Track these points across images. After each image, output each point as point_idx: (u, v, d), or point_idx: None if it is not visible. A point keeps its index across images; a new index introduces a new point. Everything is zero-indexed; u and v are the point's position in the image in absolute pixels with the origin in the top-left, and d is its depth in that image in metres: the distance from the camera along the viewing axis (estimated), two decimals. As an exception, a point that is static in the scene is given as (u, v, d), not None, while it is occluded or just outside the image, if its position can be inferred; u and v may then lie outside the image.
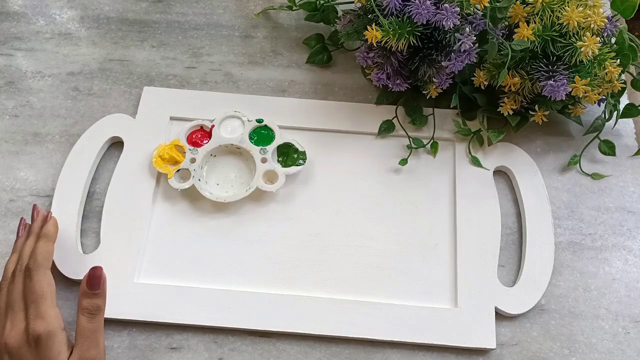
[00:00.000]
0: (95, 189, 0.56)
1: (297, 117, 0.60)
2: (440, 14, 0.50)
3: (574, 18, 0.50)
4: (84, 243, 0.54)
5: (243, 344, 0.50)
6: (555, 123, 0.62)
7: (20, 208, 0.55)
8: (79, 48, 0.66)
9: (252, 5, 0.70)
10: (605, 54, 0.52)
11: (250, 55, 0.66)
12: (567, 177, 0.59)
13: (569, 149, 0.60)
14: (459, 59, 0.53)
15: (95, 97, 0.62)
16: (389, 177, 0.58)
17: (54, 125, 0.60)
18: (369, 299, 0.51)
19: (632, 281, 0.54)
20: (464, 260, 0.53)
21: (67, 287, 0.51)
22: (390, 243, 0.54)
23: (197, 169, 0.55)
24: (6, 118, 0.60)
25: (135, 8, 0.69)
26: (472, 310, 0.50)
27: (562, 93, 0.51)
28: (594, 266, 0.54)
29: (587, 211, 0.57)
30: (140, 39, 0.67)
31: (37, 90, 0.62)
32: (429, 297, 0.52)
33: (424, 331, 0.49)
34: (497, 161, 0.58)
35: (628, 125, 0.62)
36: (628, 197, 0.58)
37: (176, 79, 0.64)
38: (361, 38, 0.56)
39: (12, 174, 0.57)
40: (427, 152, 0.59)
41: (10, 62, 0.64)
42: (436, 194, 0.57)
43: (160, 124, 0.59)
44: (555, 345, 0.51)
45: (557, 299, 0.52)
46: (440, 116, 0.60)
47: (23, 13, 0.68)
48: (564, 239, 0.55)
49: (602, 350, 0.50)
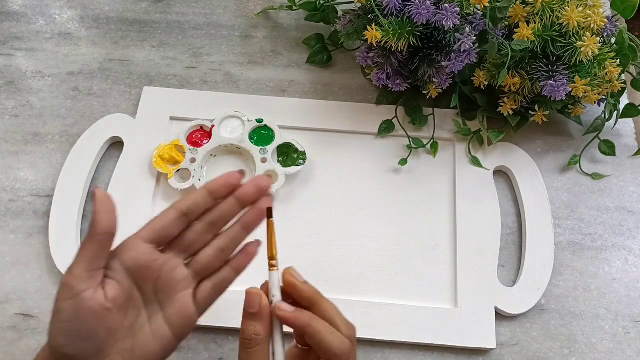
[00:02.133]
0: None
1: (297, 117, 0.60)
2: (440, 14, 0.50)
3: (574, 18, 0.50)
4: (84, 243, 0.54)
5: (243, 344, 0.50)
6: (555, 123, 0.62)
7: (20, 208, 0.55)
8: (79, 48, 0.66)
9: (252, 5, 0.70)
10: (605, 54, 0.52)
11: (250, 55, 0.66)
12: (567, 177, 0.59)
13: (569, 149, 0.60)
14: (459, 59, 0.53)
15: (95, 97, 0.62)
16: (388, 177, 0.58)
17: (54, 125, 0.60)
18: (369, 299, 0.51)
19: (632, 281, 0.54)
20: (464, 260, 0.53)
21: (67, 287, 0.51)
22: (390, 243, 0.54)
23: (197, 169, 0.55)
24: (6, 118, 0.60)
25: (135, 8, 0.69)
26: (472, 310, 0.50)
27: (562, 93, 0.51)
28: (594, 266, 0.54)
29: (587, 211, 0.57)
30: (140, 39, 0.67)
31: (37, 90, 0.62)
32: (429, 297, 0.52)
33: (423, 331, 0.49)
34: (497, 161, 0.58)
35: (628, 125, 0.62)
36: (628, 197, 0.58)
37: (176, 79, 0.64)
38: (361, 38, 0.56)
39: (12, 174, 0.57)
40: (427, 152, 0.59)
41: (11, 62, 0.64)
42: (436, 194, 0.57)
43: (160, 124, 0.59)
44: (555, 345, 0.51)
45: (557, 299, 0.52)
46: (440, 116, 0.60)
47: (23, 13, 0.68)
48: (564, 239, 0.55)
49: (602, 350, 0.50)
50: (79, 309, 0.34)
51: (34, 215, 0.55)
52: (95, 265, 0.35)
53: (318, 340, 0.35)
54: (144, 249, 0.37)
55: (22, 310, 0.51)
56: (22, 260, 0.53)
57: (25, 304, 0.51)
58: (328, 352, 0.35)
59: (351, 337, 0.36)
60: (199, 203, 0.38)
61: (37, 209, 0.55)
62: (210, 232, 0.39)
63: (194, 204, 0.38)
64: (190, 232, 0.39)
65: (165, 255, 0.38)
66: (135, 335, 0.37)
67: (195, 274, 0.39)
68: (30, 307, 0.51)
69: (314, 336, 0.35)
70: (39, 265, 0.52)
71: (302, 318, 0.35)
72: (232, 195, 0.39)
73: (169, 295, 0.38)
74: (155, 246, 0.38)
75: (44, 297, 0.51)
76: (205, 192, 0.39)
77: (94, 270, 0.35)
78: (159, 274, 0.38)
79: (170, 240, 0.38)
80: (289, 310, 0.36)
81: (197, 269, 0.39)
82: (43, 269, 0.52)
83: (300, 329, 0.35)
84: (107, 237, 0.36)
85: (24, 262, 0.53)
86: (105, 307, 0.35)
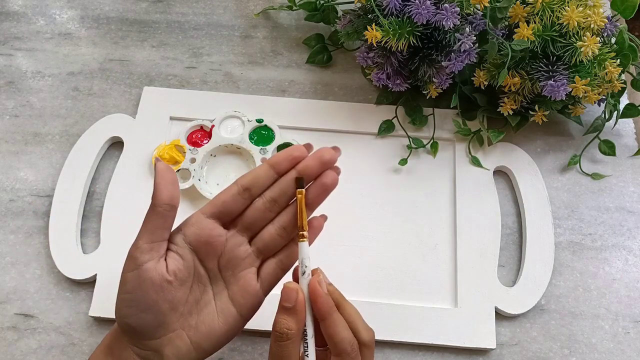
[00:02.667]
0: (95, 189, 0.56)
1: (297, 117, 0.60)
2: (440, 14, 0.50)
3: (574, 18, 0.50)
4: (84, 243, 0.54)
5: (243, 344, 0.50)
6: (555, 123, 0.62)
7: (20, 208, 0.55)
8: (79, 48, 0.66)
9: (252, 5, 0.70)
10: (605, 54, 0.52)
11: (250, 55, 0.66)
12: (567, 177, 0.59)
13: (569, 149, 0.60)
14: (459, 59, 0.53)
15: (95, 97, 0.62)
16: (389, 177, 0.58)
17: (54, 125, 0.60)
18: (369, 299, 0.51)
19: (632, 281, 0.54)
20: (464, 260, 0.53)
21: (67, 287, 0.51)
22: (390, 243, 0.54)
23: (197, 169, 0.55)
24: (6, 118, 0.60)
25: (135, 8, 0.69)
26: (472, 310, 0.50)
27: (562, 93, 0.51)
28: (594, 266, 0.54)
29: (587, 211, 0.57)
30: (140, 39, 0.67)
31: (37, 90, 0.62)
32: (429, 297, 0.52)
33: (423, 331, 0.49)
34: (497, 161, 0.58)
35: (628, 125, 0.62)
36: (628, 197, 0.58)
37: (176, 79, 0.64)
38: (361, 38, 0.56)
39: (12, 174, 0.57)
40: (427, 152, 0.59)
41: (10, 62, 0.64)
42: (436, 194, 0.57)
43: (160, 124, 0.59)
44: (555, 345, 0.51)
45: (557, 299, 0.52)
46: (440, 116, 0.60)
47: (23, 13, 0.68)
48: (564, 239, 0.55)
49: (602, 351, 0.50)
50: (141, 280, 0.35)
51: (33, 215, 0.55)
52: (157, 237, 0.36)
53: (332, 332, 0.35)
54: (207, 224, 0.37)
55: (22, 311, 0.51)
56: (22, 260, 0.53)
57: (25, 304, 0.51)
58: (338, 345, 0.35)
59: (370, 341, 0.37)
60: (260, 177, 0.38)
61: (37, 209, 0.55)
62: (272, 209, 0.38)
63: (255, 179, 0.38)
64: (252, 209, 0.38)
65: (229, 232, 0.38)
66: (200, 312, 0.37)
67: (259, 252, 0.39)
68: (30, 307, 0.51)
69: (329, 327, 0.35)
70: (39, 265, 0.52)
71: (328, 303, 0.36)
72: (294, 169, 0.38)
73: (233, 273, 0.38)
74: (218, 222, 0.38)
75: (43, 297, 0.51)
76: (267, 166, 0.38)
77: (155, 243, 0.36)
78: (222, 251, 0.38)
79: (232, 217, 0.38)
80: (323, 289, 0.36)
81: (260, 247, 0.38)
82: (43, 269, 0.52)
83: (321, 313, 0.36)
84: (167, 209, 0.36)
85: (24, 262, 0.53)
86: (166, 279, 0.35)
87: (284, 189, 0.38)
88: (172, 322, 0.36)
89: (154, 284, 0.35)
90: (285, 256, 0.39)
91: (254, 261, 0.39)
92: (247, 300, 0.38)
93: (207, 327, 0.37)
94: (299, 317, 0.36)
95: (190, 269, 0.37)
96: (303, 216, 0.37)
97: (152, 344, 0.36)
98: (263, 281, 0.39)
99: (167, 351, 0.36)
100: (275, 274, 0.39)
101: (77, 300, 0.51)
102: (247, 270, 0.38)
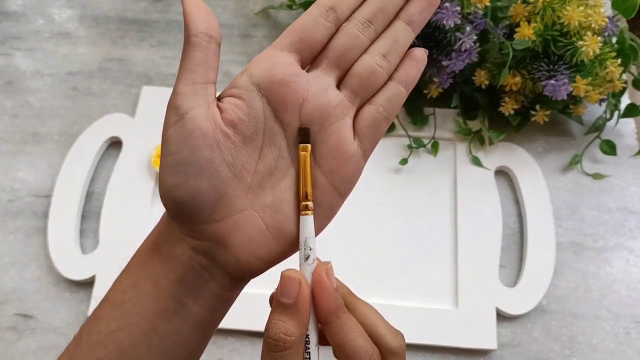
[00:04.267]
0: (95, 189, 0.56)
1: (297, 117, 0.60)
2: (440, 13, 0.50)
3: (575, 17, 0.50)
4: (83, 243, 0.53)
5: (242, 344, 0.50)
6: (556, 123, 0.62)
7: (19, 208, 0.55)
8: (78, 48, 0.65)
9: (251, 5, 0.70)
10: (606, 54, 0.52)
11: (250, 54, 0.66)
12: (568, 177, 0.59)
13: (570, 149, 0.60)
14: (459, 58, 0.53)
15: (94, 97, 0.62)
16: (389, 177, 0.57)
17: (53, 125, 0.60)
18: (369, 299, 0.51)
19: (633, 282, 0.53)
20: (464, 260, 0.52)
21: (66, 288, 0.51)
22: (390, 243, 0.54)
23: (197, 169, 0.55)
24: (5, 118, 0.60)
25: (135, 7, 0.69)
26: (473, 311, 0.50)
27: (563, 93, 0.51)
28: (595, 266, 0.54)
29: (588, 211, 0.57)
30: (139, 38, 0.66)
31: (36, 90, 0.62)
32: (430, 298, 0.51)
33: (424, 332, 0.49)
34: (498, 161, 0.58)
35: (629, 125, 0.62)
36: (629, 197, 0.58)
37: (175, 78, 0.63)
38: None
39: (11, 174, 0.57)
40: (428, 152, 0.59)
41: (9, 62, 0.64)
42: (437, 194, 0.56)
43: (160, 124, 0.58)
44: (557, 345, 0.50)
45: (558, 300, 0.52)
46: (440, 116, 0.60)
47: (22, 13, 0.68)
48: (565, 239, 0.55)
49: (603, 351, 0.50)
50: (187, 132, 0.26)
51: (33, 216, 0.55)
52: (199, 77, 0.28)
53: (341, 340, 0.27)
54: (281, 57, 0.27)
55: (21, 311, 0.50)
56: (21, 260, 0.52)
57: (24, 305, 0.51)
58: (350, 357, 0.27)
59: (399, 347, 0.29)
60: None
61: (36, 209, 0.55)
62: (365, 33, 0.28)
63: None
64: (340, 37, 0.28)
65: (312, 73, 0.28)
66: (277, 187, 0.28)
67: (353, 95, 0.28)
68: (29, 307, 0.51)
69: (337, 333, 0.27)
70: (38, 265, 0.52)
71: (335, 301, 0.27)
72: None
73: (321, 129, 0.28)
74: (297, 57, 0.28)
75: (42, 298, 0.51)
76: None
77: (199, 85, 0.28)
78: (304, 97, 0.28)
79: (315, 48, 0.28)
80: (332, 282, 0.28)
81: (354, 87, 0.28)
82: (42, 269, 0.52)
83: (325, 314, 0.27)
84: (205, 39, 0.27)
85: (23, 262, 0.52)
86: (221, 130, 0.26)
87: (381, 4, 0.28)
88: (238, 196, 0.27)
89: (205, 137, 0.26)
90: (386, 100, 0.28)
91: (347, 109, 0.28)
92: (342, 165, 0.28)
93: (290, 206, 0.28)
94: (301, 318, 0.26)
95: (258, 122, 0.27)
96: (307, 179, 0.27)
97: (212, 230, 0.26)
98: (362, 137, 0.28)
99: (234, 240, 0.27)
100: (378, 123, 0.28)
101: (76, 300, 0.51)
102: (340, 122, 0.28)
